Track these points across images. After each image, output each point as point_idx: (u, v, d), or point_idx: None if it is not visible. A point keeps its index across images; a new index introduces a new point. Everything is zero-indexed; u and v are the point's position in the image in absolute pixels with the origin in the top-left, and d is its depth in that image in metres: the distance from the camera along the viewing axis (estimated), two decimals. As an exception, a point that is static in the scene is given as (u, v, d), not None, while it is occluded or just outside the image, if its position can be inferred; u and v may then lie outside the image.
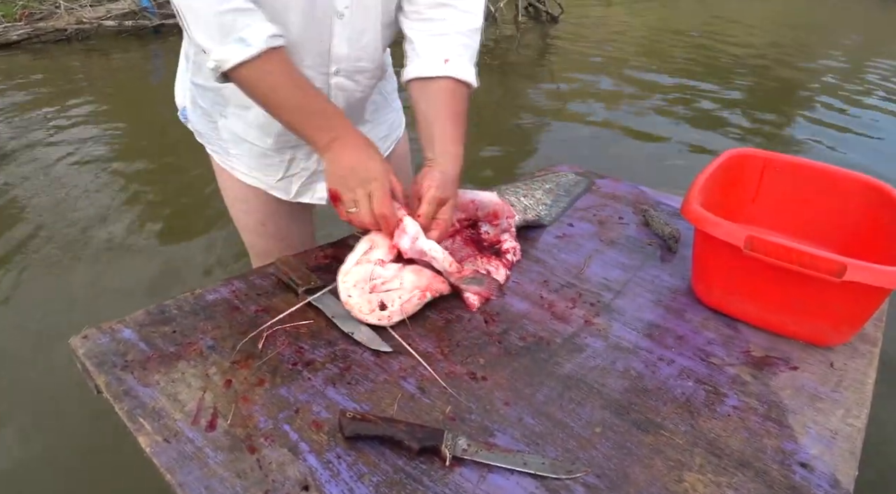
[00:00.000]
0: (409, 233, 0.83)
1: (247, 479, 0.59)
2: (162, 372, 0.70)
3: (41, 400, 1.65)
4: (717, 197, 0.99)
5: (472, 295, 0.88)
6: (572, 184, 1.27)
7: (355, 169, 0.82)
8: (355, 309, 0.79)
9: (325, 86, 0.95)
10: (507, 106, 4.51)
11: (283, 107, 0.82)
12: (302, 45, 0.89)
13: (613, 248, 1.04)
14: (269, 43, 0.80)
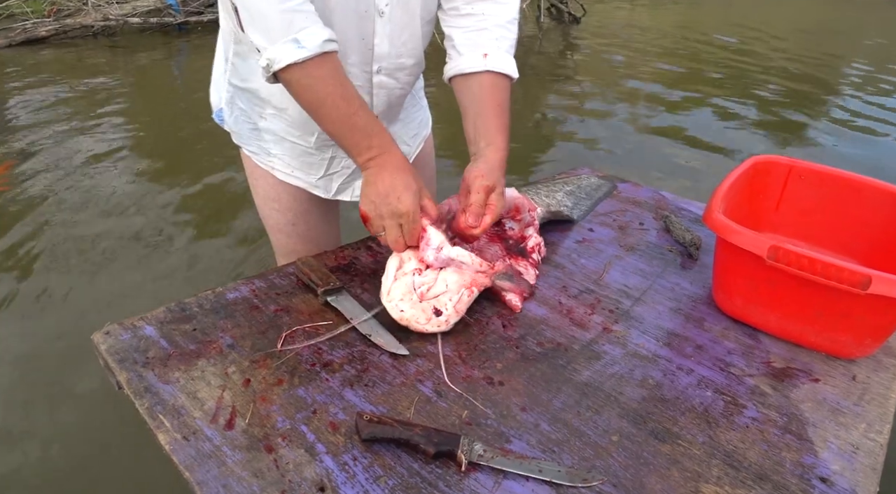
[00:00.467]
0: (433, 244, 0.83)
1: (264, 479, 0.59)
2: (182, 370, 0.72)
3: (72, 398, 1.68)
4: (740, 204, 0.98)
5: (512, 294, 0.88)
6: (594, 187, 1.26)
7: (388, 198, 0.82)
8: (412, 322, 0.79)
9: (368, 85, 0.97)
10: (527, 106, 4.50)
11: (328, 117, 0.82)
12: (346, 43, 0.90)
13: (633, 254, 1.04)
14: (324, 47, 0.79)
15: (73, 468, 1.49)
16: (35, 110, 3.96)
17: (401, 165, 0.83)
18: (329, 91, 0.81)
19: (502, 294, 0.90)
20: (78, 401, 1.67)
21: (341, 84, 0.82)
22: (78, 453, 1.52)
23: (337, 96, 0.81)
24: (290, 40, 0.77)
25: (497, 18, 0.94)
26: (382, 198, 0.83)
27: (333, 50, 0.81)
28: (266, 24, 0.78)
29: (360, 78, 0.94)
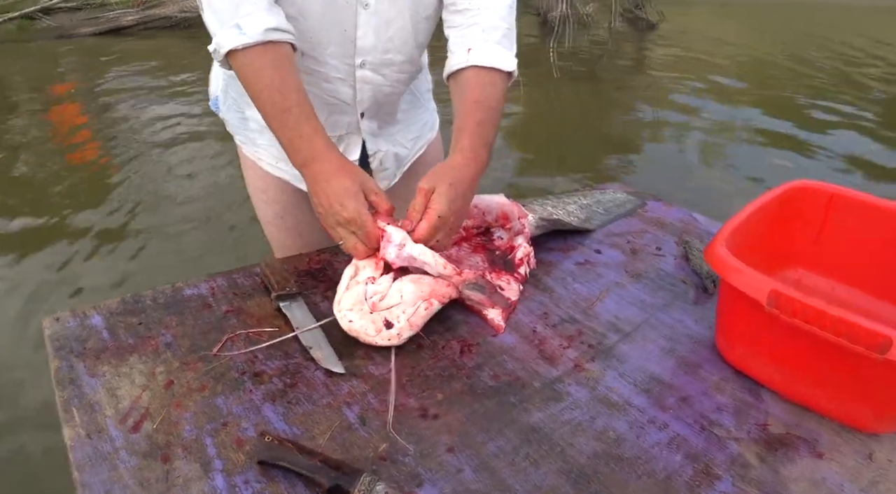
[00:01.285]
0: (394, 240, 0.80)
1: (149, 490, 0.57)
2: (112, 364, 0.71)
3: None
4: (770, 235, 0.86)
5: (494, 311, 0.82)
6: (617, 203, 1.17)
7: (332, 208, 0.80)
8: (361, 333, 0.75)
9: (351, 78, 0.95)
10: (589, 116, 4.34)
11: (263, 109, 0.81)
12: (323, 32, 0.89)
13: (638, 282, 0.94)
14: (266, 36, 0.79)
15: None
16: (120, 94, 4.27)
17: (336, 168, 0.80)
18: (266, 82, 0.79)
19: (482, 310, 0.84)
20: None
21: (281, 76, 0.79)
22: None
23: (273, 89, 0.79)
24: (233, 26, 0.77)
25: (488, 11, 0.89)
26: (327, 209, 0.80)
27: (279, 39, 0.79)
28: (215, 7, 0.79)
29: (341, 70, 0.92)
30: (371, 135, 1.07)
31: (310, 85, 0.96)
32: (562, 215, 1.05)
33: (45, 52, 5.47)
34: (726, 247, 0.75)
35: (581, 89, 4.96)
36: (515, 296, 0.88)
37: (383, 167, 1.12)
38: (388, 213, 0.83)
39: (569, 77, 5.12)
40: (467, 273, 0.83)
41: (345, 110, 1.00)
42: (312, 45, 0.90)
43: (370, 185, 0.82)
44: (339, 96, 0.98)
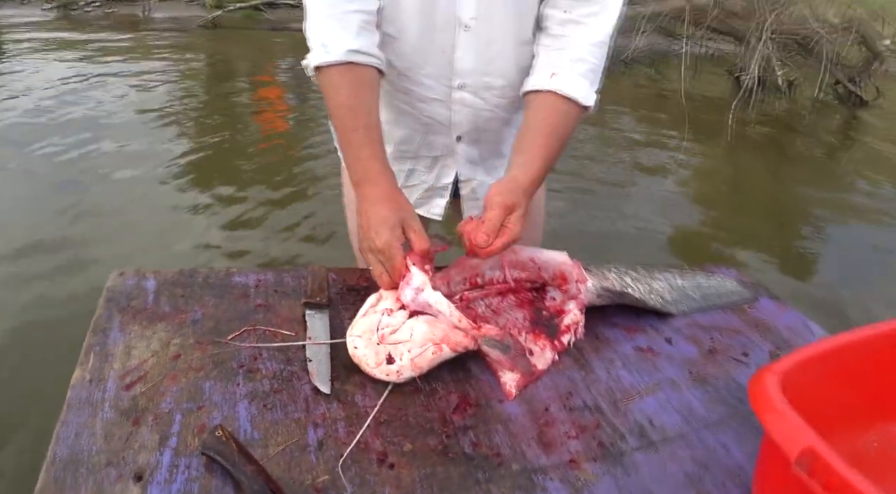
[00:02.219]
0: (413, 284, 0.79)
1: (107, 443, 0.64)
2: (142, 325, 0.81)
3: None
4: (864, 377, 0.71)
5: (509, 376, 0.79)
6: (720, 291, 1.04)
7: (368, 233, 0.82)
8: (362, 362, 0.76)
9: (448, 99, 0.98)
10: (753, 187, 3.88)
11: (335, 126, 0.87)
12: (420, 52, 0.93)
13: (699, 389, 0.82)
14: (348, 57, 0.84)
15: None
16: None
17: (380, 197, 0.81)
18: (340, 101, 0.83)
19: (497, 370, 0.80)
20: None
21: (356, 97, 0.83)
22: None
23: (345, 108, 0.83)
24: (321, 44, 0.82)
25: (580, 40, 0.88)
26: (364, 233, 0.82)
27: (361, 61, 0.83)
28: (311, 25, 0.85)
29: (438, 91, 0.96)
30: (469, 162, 1.08)
31: (406, 103, 1.00)
32: (640, 291, 0.96)
33: (261, 40, 6.39)
34: (804, 376, 0.63)
35: (756, 158, 4.49)
36: (543, 366, 0.82)
37: (474, 196, 1.12)
38: (422, 254, 0.82)
39: (747, 144, 4.69)
40: (488, 328, 0.80)
41: (440, 131, 1.03)
42: (410, 64, 0.94)
43: (411, 222, 0.83)
44: (434, 117, 1.01)
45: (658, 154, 4.28)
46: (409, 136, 1.05)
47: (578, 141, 4.34)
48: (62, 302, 2.18)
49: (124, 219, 2.84)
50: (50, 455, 0.62)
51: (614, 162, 4.11)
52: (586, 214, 3.30)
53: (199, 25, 6.77)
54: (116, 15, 6.90)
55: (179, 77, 5.16)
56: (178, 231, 2.79)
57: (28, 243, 2.57)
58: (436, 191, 1.12)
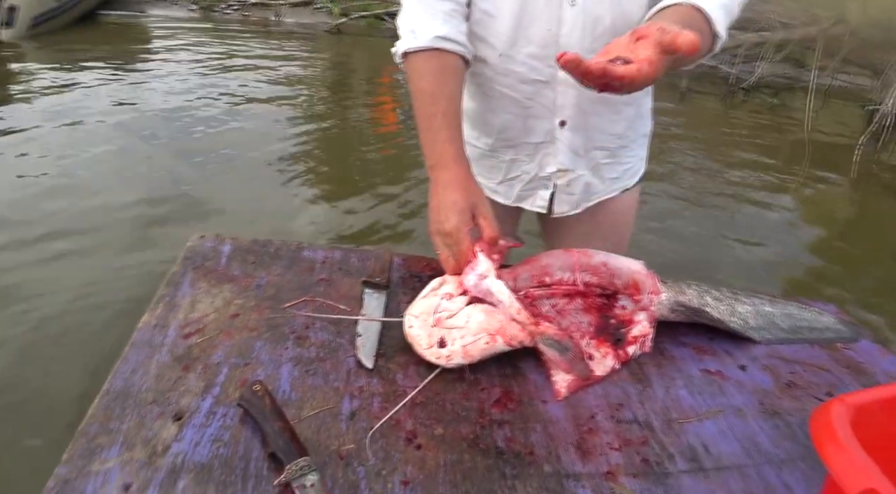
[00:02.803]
0: (478, 270, 0.79)
1: (158, 384, 0.68)
2: (210, 284, 0.85)
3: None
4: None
5: (560, 376, 0.77)
6: (813, 325, 0.95)
7: (438, 216, 0.83)
8: (415, 342, 0.77)
9: (552, 80, 0.96)
10: (888, 237, 3.48)
11: (415, 111, 0.88)
12: (521, 30, 0.91)
13: (768, 421, 0.75)
14: (435, 43, 0.85)
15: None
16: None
17: (453, 181, 0.81)
18: (423, 85, 0.84)
19: (550, 368, 0.78)
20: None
21: (438, 83, 0.84)
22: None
23: (426, 93, 0.84)
24: (409, 30, 0.84)
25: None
26: (434, 216, 0.83)
27: (447, 48, 0.84)
28: (403, 12, 0.88)
29: (543, 72, 0.94)
30: (572, 151, 1.04)
31: (505, 86, 0.99)
32: (720, 311, 0.90)
33: (380, 48, 6.65)
34: (886, 417, 0.56)
35: (883, 201, 4.07)
36: (602, 373, 0.79)
37: (569, 190, 1.09)
38: (490, 242, 0.82)
39: (874, 184, 4.27)
40: (547, 326, 0.77)
41: (542, 115, 1.00)
42: (510, 43, 0.93)
43: (482, 209, 0.83)
44: (536, 99, 0.99)
45: (770, 184, 4.03)
46: (510, 122, 1.03)
47: (685, 162, 4.17)
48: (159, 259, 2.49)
49: (236, 186, 3.27)
50: (106, 385, 0.67)
51: (721, 187, 3.92)
52: (681, 237, 3.19)
53: (325, 31, 7.17)
54: (251, 18, 7.46)
55: (304, 75, 5.53)
56: (279, 207, 3.14)
57: (155, 197, 3.08)
58: (539, 182, 1.09)
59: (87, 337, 2.08)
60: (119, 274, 2.42)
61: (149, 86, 4.74)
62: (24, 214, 2.82)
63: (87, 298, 2.27)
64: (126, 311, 2.14)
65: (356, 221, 3.06)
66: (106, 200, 3.01)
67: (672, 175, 4.01)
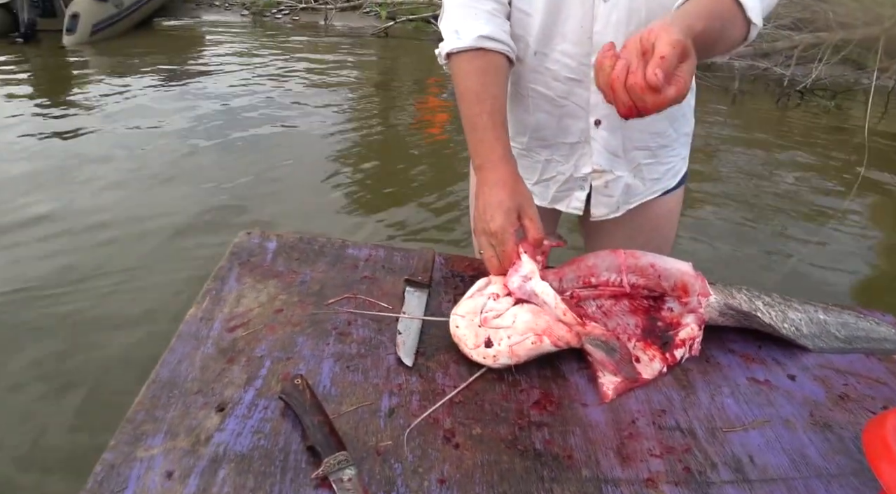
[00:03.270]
0: (522, 271, 0.79)
1: (202, 374, 0.70)
2: (256, 279, 0.87)
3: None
4: None
5: (608, 378, 0.76)
6: (870, 335, 0.91)
7: (484, 215, 0.83)
8: (461, 341, 0.77)
9: (586, 79, 0.95)
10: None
11: (461, 111, 0.88)
12: (555, 27, 0.91)
13: (819, 434, 0.72)
14: (478, 43, 0.86)
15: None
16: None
17: (500, 180, 0.81)
18: (468, 85, 0.84)
19: (597, 371, 0.77)
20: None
21: (483, 83, 0.84)
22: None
23: (472, 92, 0.84)
24: (453, 31, 0.84)
25: None
26: (480, 215, 0.83)
27: (491, 48, 0.84)
28: (445, 14, 0.89)
29: (575, 69, 0.93)
30: (609, 152, 1.02)
31: (538, 84, 0.98)
32: (771, 316, 0.87)
33: (427, 51, 6.70)
34: None
35: None
36: (650, 376, 0.78)
37: (608, 192, 1.07)
38: (535, 244, 0.81)
39: None
40: (594, 326, 0.76)
41: (577, 114, 0.99)
42: (544, 41, 0.92)
43: (528, 210, 0.83)
44: (570, 98, 0.98)
45: (826, 189, 3.89)
46: (544, 121, 1.03)
47: (738, 166, 4.06)
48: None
49: (285, 185, 3.38)
50: (153, 375, 0.69)
51: (774, 190, 3.80)
52: (732, 242, 3.11)
53: (373, 34, 7.26)
54: (301, 22, 7.62)
55: (351, 78, 5.63)
56: (326, 202, 3.24)
57: (205, 198, 3.21)
58: (575, 183, 1.07)
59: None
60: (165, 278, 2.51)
61: (203, 89, 4.92)
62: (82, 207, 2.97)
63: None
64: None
65: (401, 221, 3.10)
66: (158, 200, 3.12)
67: (724, 178, 3.91)
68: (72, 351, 2.06)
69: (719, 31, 0.75)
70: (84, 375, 1.96)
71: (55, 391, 1.91)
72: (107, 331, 2.16)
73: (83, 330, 2.17)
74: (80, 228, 2.82)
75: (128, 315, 2.25)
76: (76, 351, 2.07)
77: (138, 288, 2.40)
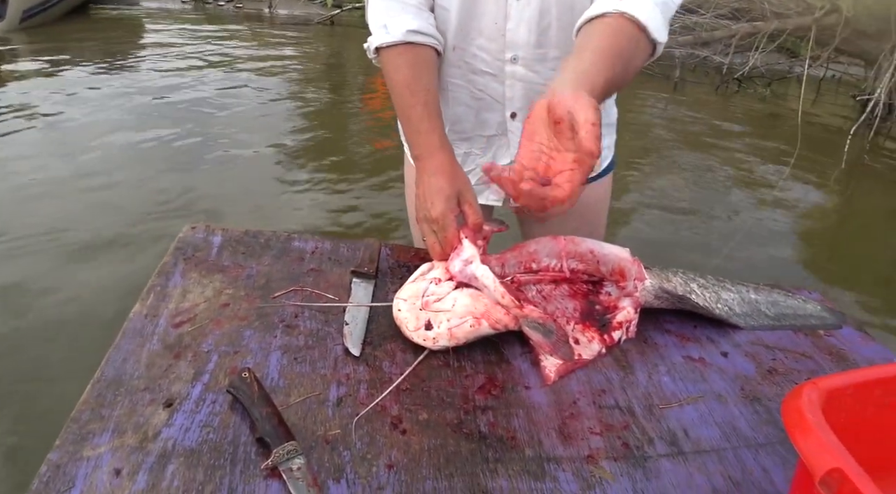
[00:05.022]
0: (462, 255, 0.81)
1: (148, 370, 0.70)
2: (201, 274, 0.86)
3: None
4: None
5: (550, 361, 0.79)
6: (798, 312, 0.97)
7: (424, 203, 0.85)
8: (403, 324, 0.79)
9: (500, 74, 0.97)
10: (877, 228, 3.54)
11: (395, 104, 0.90)
12: (472, 23, 0.93)
13: (749, 407, 0.77)
14: (407, 37, 0.87)
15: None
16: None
17: (439, 168, 0.83)
18: (400, 79, 0.85)
19: (539, 355, 0.79)
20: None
21: (414, 76, 0.85)
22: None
23: (404, 85, 0.85)
24: (381, 25, 0.86)
25: None
26: (421, 203, 0.84)
27: (419, 41, 0.86)
28: (371, 9, 0.89)
29: (491, 65, 0.95)
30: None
31: (457, 78, 1.00)
32: (705, 298, 0.91)
33: None
34: (859, 402, 0.58)
35: (874, 192, 4.15)
36: (589, 356, 0.81)
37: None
38: (475, 228, 0.83)
39: (867, 175, 4.36)
40: (531, 309, 0.79)
41: (493, 108, 1.02)
42: (461, 36, 0.94)
43: (467, 196, 0.84)
44: (487, 92, 1.00)
45: (761, 175, 4.07)
46: (463, 114, 1.05)
47: (677, 153, 4.19)
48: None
49: (230, 178, 3.30)
50: (98, 373, 0.68)
51: (712, 175, 3.96)
52: (666, 230, 3.22)
53: (318, 22, 7.14)
54: (244, 10, 7.42)
55: (297, 66, 5.54)
56: (273, 199, 3.17)
57: (147, 189, 3.10)
58: None
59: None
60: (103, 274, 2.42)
61: (141, 80, 4.75)
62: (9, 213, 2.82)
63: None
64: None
65: (347, 212, 3.09)
66: (96, 194, 3.01)
67: (663, 164, 4.03)
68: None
69: (622, 74, 0.74)
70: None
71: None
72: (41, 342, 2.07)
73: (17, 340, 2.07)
74: (8, 230, 2.66)
75: (65, 320, 2.16)
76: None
77: (72, 293, 2.29)
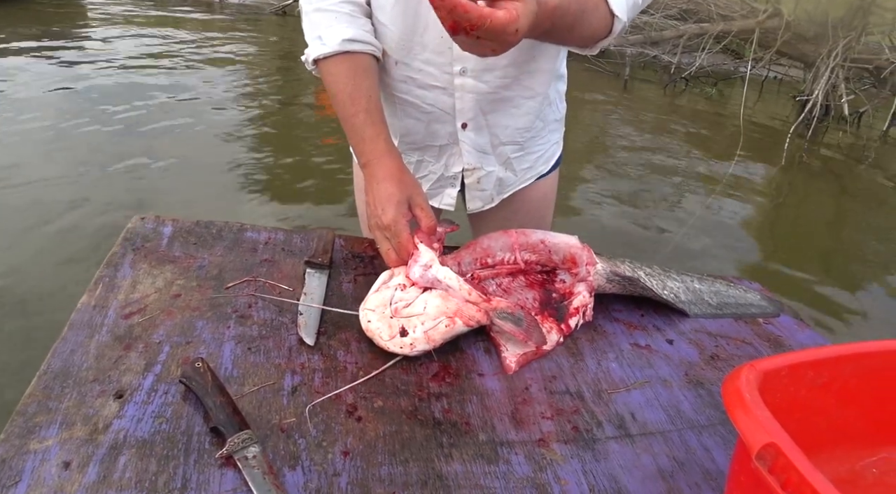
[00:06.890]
0: (420, 260, 0.81)
1: (98, 362, 0.68)
2: (151, 265, 0.85)
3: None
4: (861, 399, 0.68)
5: (511, 352, 0.80)
6: (738, 301, 1.02)
7: (375, 210, 0.85)
8: (376, 335, 0.78)
9: (450, 86, 0.97)
10: (814, 223, 3.76)
11: (338, 114, 0.90)
12: (415, 38, 0.92)
13: (691, 391, 0.81)
14: (343, 46, 0.88)
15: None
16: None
17: (387, 174, 0.84)
18: (340, 88, 0.86)
19: (500, 346, 0.81)
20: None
21: (354, 84, 0.86)
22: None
23: (345, 94, 0.86)
24: (316, 37, 0.86)
25: None
26: (371, 210, 0.85)
27: (356, 50, 0.87)
28: (306, 21, 0.89)
29: (439, 78, 0.95)
30: (477, 150, 1.05)
31: (406, 93, 1.00)
32: (653, 285, 0.95)
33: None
34: (792, 383, 0.62)
35: (812, 189, 4.38)
36: (549, 347, 0.83)
37: (480, 187, 1.10)
38: (429, 232, 0.84)
39: (805, 172, 4.58)
40: (499, 301, 0.80)
41: (444, 120, 1.01)
42: (404, 51, 0.93)
43: (418, 200, 0.85)
44: (437, 105, 0.99)
45: (706, 171, 4.22)
46: (413, 127, 1.04)
47: (625, 149, 4.30)
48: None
49: (179, 169, 3.23)
50: (44, 366, 0.67)
51: (660, 171, 4.09)
52: (616, 224, 3.31)
53: (270, 13, 7.01)
54: (194, -2, 7.24)
55: (247, 56, 5.42)
56: (221, 189, 3.12)
57: (90, 180, 3.01)
58: (446, 181, 1.11)
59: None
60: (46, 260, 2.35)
61: (83, 69, 4.57)
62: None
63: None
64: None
65: (299, 204, 3.06)
66: (36, 187, 2.89)
67: (612, 160, 4.13)
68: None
69: (576, 14, 0.73)
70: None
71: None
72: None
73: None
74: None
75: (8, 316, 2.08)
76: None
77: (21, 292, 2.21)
